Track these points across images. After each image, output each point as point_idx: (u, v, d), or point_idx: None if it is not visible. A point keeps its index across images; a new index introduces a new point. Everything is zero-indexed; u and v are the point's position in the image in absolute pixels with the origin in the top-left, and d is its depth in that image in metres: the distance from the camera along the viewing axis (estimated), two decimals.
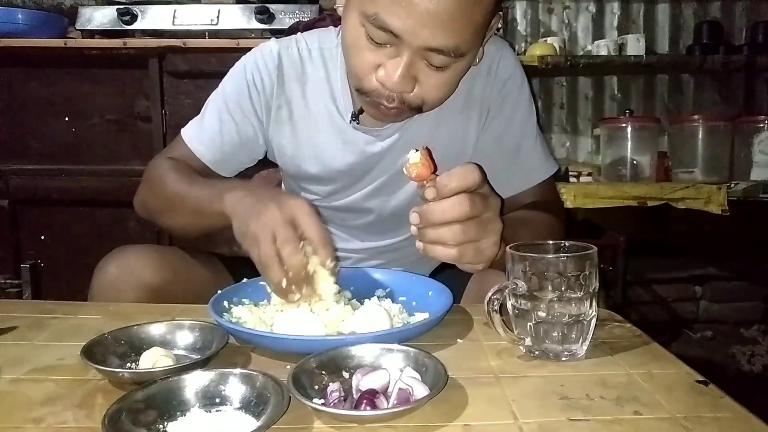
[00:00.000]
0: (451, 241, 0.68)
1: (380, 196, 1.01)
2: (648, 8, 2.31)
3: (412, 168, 0.68)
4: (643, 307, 2.31)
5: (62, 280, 1.86)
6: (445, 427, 0.49)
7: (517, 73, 0.99)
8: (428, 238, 0.69)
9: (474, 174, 0.68)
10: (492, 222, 0.70)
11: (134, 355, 0.63)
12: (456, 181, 0.67)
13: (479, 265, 0.72)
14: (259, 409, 0.51)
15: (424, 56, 0.78)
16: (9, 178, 1.83)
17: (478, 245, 0.69)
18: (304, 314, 0.69)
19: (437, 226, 0.68)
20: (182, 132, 1.02)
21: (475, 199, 0.67)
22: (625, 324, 0.74)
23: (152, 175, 0.99)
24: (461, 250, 0.68)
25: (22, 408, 0.53)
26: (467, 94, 0.96)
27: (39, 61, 1.83)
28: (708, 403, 0.52)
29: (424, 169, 0.68)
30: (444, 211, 0.67)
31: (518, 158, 1.00)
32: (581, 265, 0.61)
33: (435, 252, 0.69)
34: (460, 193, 0.67)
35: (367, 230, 1.07)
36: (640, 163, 1.91)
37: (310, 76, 0.98)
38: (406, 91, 0.80)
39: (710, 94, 2.34)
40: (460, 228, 0.67)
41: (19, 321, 0.76)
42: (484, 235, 0.69)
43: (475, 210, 0.67)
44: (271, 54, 0.98)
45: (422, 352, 0.58)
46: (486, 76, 0.97)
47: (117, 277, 0.87)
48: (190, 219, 0.92)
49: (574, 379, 0.58)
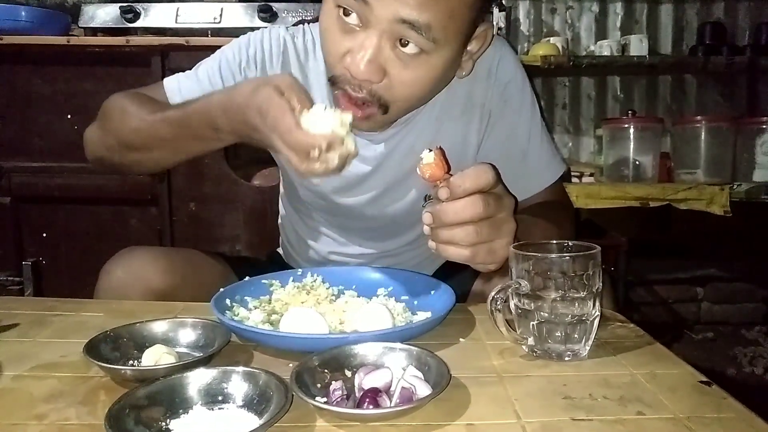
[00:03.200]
0: (463, 241, 0.67)
1: (379, 202, 0.99)
2: (651, 9, 2.31)
3: (425, 168, 0.68)
4: (645, 308, 2.31)
5: (64, 278, 1.86)
6: (448, 426, 0.49)
7: (518, 75, 0.97)
8: (441, 239, 0.68)
9: (488, 174, 0.67)
10: (506, 223, 0.69)
11: (136, 353, 0.63)
12: (470, 181, 0.66)
13: (492, 265, 0.71)
14: (261, 407, 0.50)
15: (394, 37, 0.74)
16: (11, 176, 1.83)
17: (491, 246, 0.68)
18: (309, 313, 0.68)
19: (450, 226, 0.67)
20: (164, 81, 0.96)
21: (488, 200, 0.66)
22: (627, 324, 0.74)
23: (112, 107, 0.91)
24: (474, 250, 0.67)
25: (24, 405, 0.53)
26: (467, 98, 0.94)
27: (42, 58, 1.83)
28: (711, 404, 0.52)
29: (438, 170, 0.67)
30: (457, 212, 0.66)
31: (525, 163, 0.98)
32: (585, 264, 0.61)
33: (447, 252, 0.68)
34: (473, 194, 0.66)
35: (367, 235, 1.06)
36: (642, 163, 1.91)
37: (312, 69, 0.96)
38: (372, 79, 0.76)
39: (713, 94, 2.34)
40: (474, 228, 0.66)
41: (21, 318, 0.76)
42: (498, 235, 0.68)
43: (488, 210, 0.66)
44: (278, 39, 0.96)
45: (425, 351, 0.58)
46: (486, 79, 0.94)
47: (124, 281, 0.87)
48: (166, 145, 0.85)
49: (577, 379, 0.58)
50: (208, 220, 1.83)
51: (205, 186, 1.81)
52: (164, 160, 0.90)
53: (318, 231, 1.09)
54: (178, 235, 1.85)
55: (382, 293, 0.83)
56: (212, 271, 0.97)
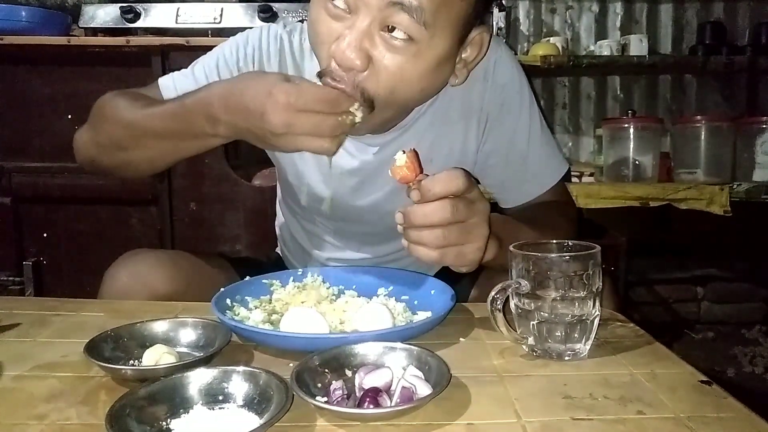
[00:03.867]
0: (431, 244, 0.68)
1: (378, 207, 0.98)
2: (651, 8, 2.31)
3: (397, 170, 0.68)
4: (645, 308, 2.31)
5: (64, 278, 1.86)
6: (449, 425, 0.49)
7: (516, 77, 0.95)
8: (411, 239, 0.69)
9: (458, 180, 0.67)
10: (477, 227, 0.70)
11: (137, 353, 0.63)
12: (440, 185, 0.67)
13: (463, 267, 0.72)
14: (262, 407, 0.51)
15: (383, 22, 0.72)
16: (11, 176, 1.83)
17: (460, 249, 0.69)
18: (309, 312, 0.69)
19: (420, 228, 0.68)
20: (159, 80, 0.95)
21: (458, 205, 0.67)
22: (627, 324, 0.74)
23: (103, 105, 0.89)
24: (442, 252, 0.68)
25: (25, 405, 0.53)
26: (464, 102, 0.93)
27: (42, 58, 1.82)
28: (711, 403, 0.52)
29: (409, 172, 0.68)
30: (426, 215, 0.67)
31: (525, 167, 0.97)
32: (584, 264, 0.61)
33: (417, 252, 0.69)
34: (443, 198, 0.67)
35: (365, 240, 1.05)
36: (642, 163, 1.91)
37: (307, 69, 0.94)
38: (356, 66, 0.72)
39: (713, 94, 2.34)
40: (441, 232, 0.67)
41: (22, 318, 0.76)
42: (467, 240, 0.69)
43: (457, 215, 0.67)
44: (275, 38, 0.96)
45: (425, 350, 0.58)
46: (482, 82, 0.93)
47: (129, 286, 0.86)
48: (159, 143, 0.83)
49: (577, 378, 0.58)
50: (209, 220, 1.83)
51: (205, 186, 1.81)
52: (155, 160, 0.87)
53: (316, 236, 1.08)
54: (179, 235, 1.84)
55: (382, 293, 0.83)
56: (217, 276, 0.96)
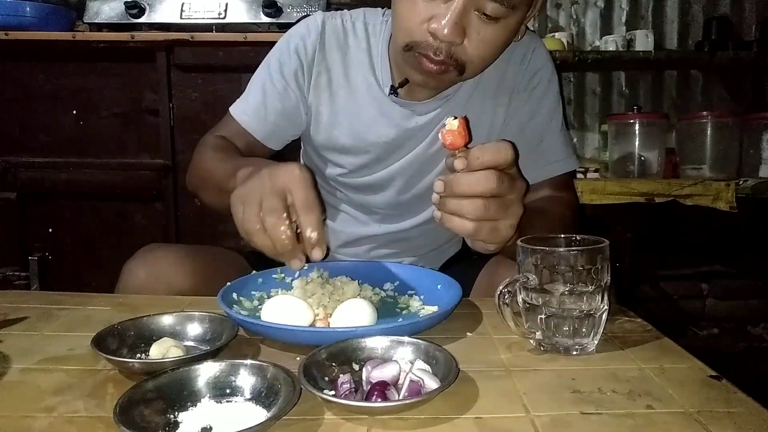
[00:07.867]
0: (470, 214, 0.66)
1: (407, 175, 1.02)
2: (657, 4, 2.30)
3: (447, 134, 0.66)
4: (650, 304, 2.30)
5: (70, 273, 1.86)
6: (457, 419, 0.49)
7: (548, 67, 1.02)
8: (448, 208, 0.67)
9: (507, 152, 0.66)
10: (514, 204, 0.69)
11: (144, 346, 0.63)
12: (489, 155, 0.65)
13: (492, 245, 0.70)
14: (269, 400, 0.50)
15: (476, 6, 0.80)
16: (17, 171, 1.83)
17: (495, 224, 0.68)
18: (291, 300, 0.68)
19: (460, 197, 0.66)
20: (230, 109, 1.04)
21: (503, 178, 0.66)
22: (635, 319, 0.74)
23: (197, 151, 1.01)
24: (478, 226, 0.67)
25: (33, 397, 0.53)
26: (500, 79, 0.99)
27: (47, 54, 1.83)
28: (721, 398, 0.52)
29: (459, 138, 0.66)
30: (470, 184, 0.65)
31: (539, 150, 1.00)
32: (593, 258, 0.61)
33: (452, 223, 0.67)
34: (489, 169, 0.65)
35: (386, 212, 1.07)
36: (647, 159, 1.90)
37: (352, 46, 1.00)
38: (455, 41, 0.81)
39: (719, 90, 2.32)
40: (483, 203, 0.65)
41: (29, 312, 0.76)
42: (504, 216, 0.68)
43: (500, 189, 0.65)
44: (315, 23, 1.01)
45: (433, 344, 0.58)
46: (519, 64, 0.99)
47: (147, 282, 0.87)
48: (215, 195, 0.92)
49: (585, 373, 0.58)
50: (213, 215, 1.83)
51: None
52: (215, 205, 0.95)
53: (338, 209, 1.11)
54: (183, 230, 1.85)
55: (389, 287, 0.83)
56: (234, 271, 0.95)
